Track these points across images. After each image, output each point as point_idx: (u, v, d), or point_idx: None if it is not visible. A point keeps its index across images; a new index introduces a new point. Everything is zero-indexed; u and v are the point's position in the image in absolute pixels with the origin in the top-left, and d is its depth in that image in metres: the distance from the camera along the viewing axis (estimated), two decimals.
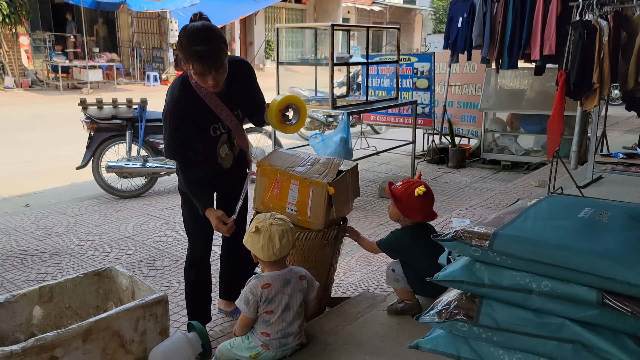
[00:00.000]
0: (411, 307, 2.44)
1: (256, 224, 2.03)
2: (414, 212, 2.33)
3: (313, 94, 6.35)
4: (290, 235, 2.03)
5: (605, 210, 1.76)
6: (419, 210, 2.33)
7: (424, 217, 2.36)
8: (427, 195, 2.33)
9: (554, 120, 3.99)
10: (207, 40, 2.07)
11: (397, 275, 2.40)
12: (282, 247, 2.00)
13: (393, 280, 2.44)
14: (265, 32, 21.51)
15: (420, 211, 2.33)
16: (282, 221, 2.04)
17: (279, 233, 1.99)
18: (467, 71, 6.97)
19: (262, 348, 2.03)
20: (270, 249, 1.99)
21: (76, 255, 3.78)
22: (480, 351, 1.63)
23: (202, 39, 2.07)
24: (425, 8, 29.35)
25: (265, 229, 1.99)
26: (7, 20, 12.85)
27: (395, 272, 2.42)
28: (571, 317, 1.48)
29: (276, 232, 1.98)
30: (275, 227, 2.00)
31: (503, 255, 1.53)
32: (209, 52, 2.07)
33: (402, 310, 2.44)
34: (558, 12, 4.81)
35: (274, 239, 1.98)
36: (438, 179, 5.91)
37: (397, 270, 2.41)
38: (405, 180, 2.40)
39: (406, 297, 2.44)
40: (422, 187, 2.30)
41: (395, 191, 2.37)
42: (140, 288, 2.21)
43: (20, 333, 2.14)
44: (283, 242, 1.99)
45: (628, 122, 9.08)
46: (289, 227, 2.04)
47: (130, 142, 5.15)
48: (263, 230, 2.00)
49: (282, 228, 2.00)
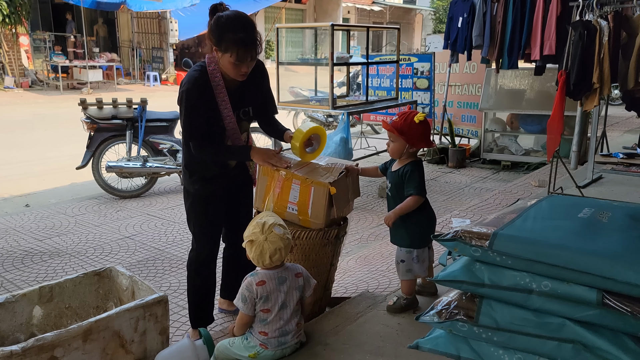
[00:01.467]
0: (412, 303, 2.47)
1: (252, 235, 2.02)
2: (419, 140, 2.37)
3: (313, 94, 6.36)
4: (284, 251, 2.01)
5: (605, 210, 1.76)
6: (422, 137, 2.38)
7: (427, 143, 2.41)
8: (426, 122, 2.38)
9: (554, 120, 3.99)
10: (246, 28, 2.12)
11: (408, 264, 2.41)
12: (273, 262, 2.01)
13: (405, 272, 2.43)
14: (266, 32, 21.49)
15: (422, 138, 2.38)
16: (278, 237, 1.99)
17: (271, 251, 1.98)
18: (467, 71, 6.97)
19: (261, 347, 2.04)
20: (260, 263, 2.02)
21: (76, 255, 3.78)
22: (480, 351, 1.63)
23: (242, 26, 2.11)
24: (425, 8, 29.36)
25: (259, 243, 1.99)
26: (7, 20, 12.85)
27: (405, 263, 2.42)
28: (571, 317, 1.49)
29: (268, 250, 1.98)
30: (268, 244, 1.98)
31: (503, 255, 1.53)
32: (250, 39, 2.11)
33: (406, 307, 2.45)
34: (558, 12, 4.81)
35: (265, 255, 1.99)
36: (438, 179, 5.91)
37: (407, 260, 2.41)
38: (399, 113, 2.44)
39: (408, 291, 2.46)
40: (420, 114, 2.34)
41: (395, 124, 2.36)
42: (140, 288, 2.21)
43: (20, 333, 2.15)
44: (274, 258, 1.99)
45: (628, 122, 9.08)
46: (285, 243, 2.01)
47: (130, 142, 5.15)
48: (256, 244, 2.00)
49: (275, 246, 1.98)
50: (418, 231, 2.41)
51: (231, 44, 2.10)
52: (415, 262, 2.41)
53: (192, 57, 17.62)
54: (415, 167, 2.38)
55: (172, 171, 5.29)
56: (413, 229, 2.41)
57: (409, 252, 2.42)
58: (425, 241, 2.45)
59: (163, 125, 5.36)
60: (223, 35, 2.10)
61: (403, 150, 2.39)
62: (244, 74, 2.21)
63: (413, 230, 2.41)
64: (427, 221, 2.47)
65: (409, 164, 2.39)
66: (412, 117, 2.33)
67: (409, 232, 2.42)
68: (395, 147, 2.41)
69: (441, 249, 3.26)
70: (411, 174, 2.37)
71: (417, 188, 2.35)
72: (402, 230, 2.43)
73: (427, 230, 2.43)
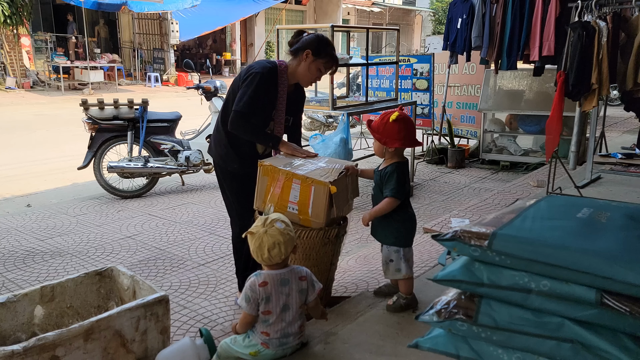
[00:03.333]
0: (411, 301, 2.47)
1: (254, 227, 2.03)
2: (391, 139, 2.34)
3: (313, 95, 6.37)
4: (283, 247, 1.98)
5: (604, 211, 1.77)
6: (396, 137, 2.34)
7: (402, 143, 2.36)
8: (402, 121, 2.34)
9: (553, 120, 4.00)
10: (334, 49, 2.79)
11: (396, 264, 2.43)
12: (272, 257, 1.99)
13: (394, 272, 2.45)
14: (266, 33, 21.52)
15: (397, 137, 2.34)
16: (278, 232, 1.98)
17: (269, 244, 1.97)
18: (466, 72, 6.98)
19: (263, 346, 2.05)
20: (259, 256, 2.01)
21: (77, 255, 3.79)
22: (479, 350, 1.64)
23: (334, 47, 2.81)
24: (425, 9, 29.36)
25: (258, 236, 1.99)
26: (8, 21, 12.85)
27: (393, 262, 2.44)
28: (570, 317, 1.49)
29: (266, 243, 1.97)
30: (267, 236, 1.97)
31: (502, 255, 1.54)
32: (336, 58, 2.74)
33: (406, 306, 2.45)
34: (557, 13, 4.82)
35: (263, 247, 1.98)
36: (437, 179, 5.92)
37: (395, 260, 2.43)
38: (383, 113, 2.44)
39: (407, 290, 2.47)
40: (395, 113, 2.33)
41: (372, 123, 2.41)
42: (142, 287, 2.22)
43: (22, 333, 2.15)
44: (272, 252, 1.98)
45: (627, 122, 9.09)
46: (285, 239, 1.98)
47: (132, 142, 5.16)
48: (256, 236, 2.00)
49: (274, 240, 1.97)
50: (402, 229, 2.43)
51: (329, 56, 2.67)
52: (403, 261, 2.43)
53: (193, 58, 17.67)
54: (397, 168, 2.38)
55: (173, 171, 5.31)
56: (396, 227, 2.43)
57: (397, 251, 2.44)
58: (409, 240, 2.47)
59: (164, 126, 5.37)
60: (325, 48, 2.66)
61: (382, 150, 2.42)
62: (313, 81, 2.73)
63: (396, 229, 2.43)
64: (412, 221, 2.48)
65: (390, 165, 2.40)
66: (389, 116, 2.34)
67: (393, 231, 2.44)
68: (375, 147, 2.47)
69: (440, 248, 3.27)
70: (390, 175, 2.38)
71: (393, 190, 2.35)
72: (387, 228, 2.46)
73: (411, 230, 2.45)
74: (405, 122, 2.36)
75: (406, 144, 2.39)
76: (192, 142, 5.53)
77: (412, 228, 2.50)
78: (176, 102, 12.16)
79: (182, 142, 5.49)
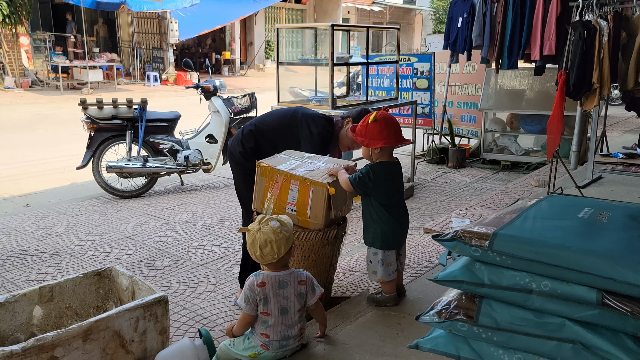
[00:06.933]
0: (387, 299, 2.48)
1: (250, 225, 2.04)
2: (373, 140, 2.32)
3: (313, 94, 6.35)
4: (275, 245, 1.96)
5: (605, 210, 1.76)
6: (378, 137, 2.31)
7: (386, 142, 2.32)
8: (383, 120, 2.31)
9: (554, 120, 3.99)
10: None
11: (374, 266, 2.44)
12: (264, 255, 1.98)
13: (371, 273, 2.48)
14: (266, 32, 21.51)
15: (379, 137, 2.31)
16: (271, 230, 1.97)
17: (261, 241, 1.96)
18: (467, 71, 6.97)
19: (262, 348, 2.04)
20: (252, 253, 2.02)
21: (76, 255, 3.78)
22: (480, 351, 1.63)
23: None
24: (425, 8, 29.35)
25: (252, 233, 1.99)
26: (7, 20, 12.83)
27: (372, 264, 2.46)
28: (571, 317, 1.48)
29: (258, 240, 1.97)
30: (260, 234, 1.97)
31: (503, 255, 1.54)
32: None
33: (378, 301, 2.49)
34: (558, 12, 4.81)
35: (255, 244, 1.98)
36: (438, 179, 5.91)
37: (373, 261, 2.45)
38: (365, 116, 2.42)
39: (387, 289, 2.49)
40: (374, 114, 2.30)
41: (355, 128, 2.41)
42: (141, 288, 2.21)
43: (21, 333, 2.15)
44: (264, 250, 1.97)
45: (628, 122, 9.08)
46: (277, 237, 1.96)
47: (131, 142, 5.15)
48: (250, 233, 2.00)
49: (266, 237, 1.96)
50: (379, 231, 2.40)
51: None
52: (380, 264, 2.42)
53: (192, 57, 17.65)
54: (370, 166, 2.37)
55: (172, 171, 5.30)
56: (374, 228, 2.42)
57: (375, 253, 2.43)
58: (389, 244, 2.42)
59: (163, 126, 5.36)
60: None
61: (369, 152, 2.40)
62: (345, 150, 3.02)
63: (374, 230, 2.42)
64: (394, 225, 2.42)
65: (368, 164, 2.40)
66: (368, 118, 2.33)
67: (371, 230, 2.44)
68: (362, 151, 2.45)
69: (441, 249, 3.26)
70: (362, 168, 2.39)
71: (353, 176, 2.35)
72: (366, 227, 2.46)
73: (392, 234, 2.42)
74: (386, 121, 2.33)
75: (390, 142, 2.35)
76: (191, 142, 5.52)
77: (393, 231, 2.42)
78: (175, 102, 12.15)
79: (181, 141, 5.48)
